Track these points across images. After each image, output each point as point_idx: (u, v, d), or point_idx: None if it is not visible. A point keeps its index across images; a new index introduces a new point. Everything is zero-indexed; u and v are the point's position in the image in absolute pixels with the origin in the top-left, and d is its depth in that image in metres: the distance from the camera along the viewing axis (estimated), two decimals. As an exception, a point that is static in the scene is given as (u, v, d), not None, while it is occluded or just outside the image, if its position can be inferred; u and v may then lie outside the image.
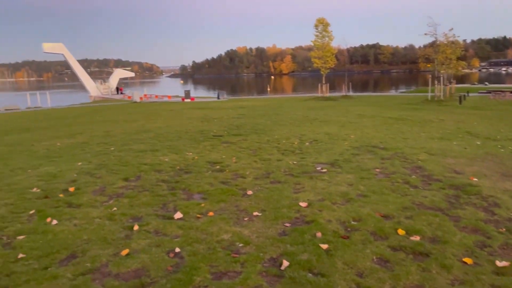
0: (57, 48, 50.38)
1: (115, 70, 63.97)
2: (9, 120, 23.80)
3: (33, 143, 11.57)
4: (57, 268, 3.37)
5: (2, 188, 6.00)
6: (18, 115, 30.14)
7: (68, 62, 52.30)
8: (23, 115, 29.61)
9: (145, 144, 9.92)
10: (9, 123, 21.08)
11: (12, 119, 25.39)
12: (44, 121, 21.34)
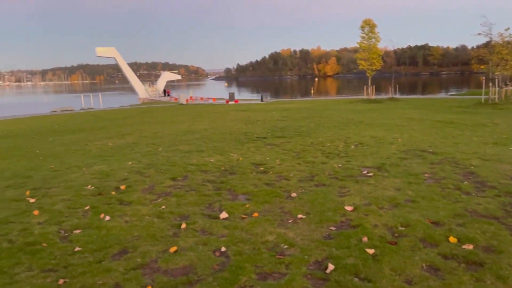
0: (109, 52, 52.67)
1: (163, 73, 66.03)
2: (65, 121, 25.17)
3: (87, 142, 12.17)
4: (110, 262, 3.54)
5: (60, 184, 6.37)
6: (73, 116, 31.83)
7: (119, 65, 54.52)
8: (77, 116, 31.21)
9: (191, 145, 10.17)
10: (65, 124, 22.31)
11: (67, 119, 26.85)
12: (97, 122, 22.40)
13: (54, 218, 4.71)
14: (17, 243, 4.00)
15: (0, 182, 6.94)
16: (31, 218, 4.72)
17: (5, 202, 5.49)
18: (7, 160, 9.83)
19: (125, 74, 55.14)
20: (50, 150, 11.11)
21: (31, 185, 6.48)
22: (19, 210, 5.06)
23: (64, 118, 29.32)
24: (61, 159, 9.34)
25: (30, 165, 8.82)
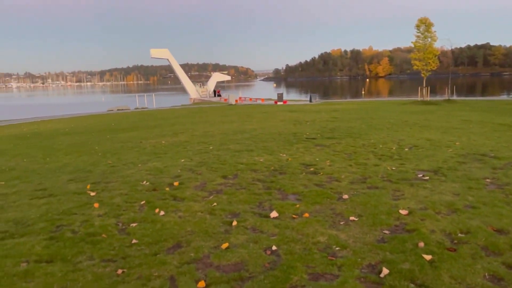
0: (162, 53, 54.48)
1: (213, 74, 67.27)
2: (121, 120, 26.34)
3: (141, 140, 12.67)
4: (165, 255, 3.66)
5: (118, 179, 6.68)
6: (128, 115, 33.23)
7: (172, 66, 56.24)
8: (132, 115, 32.53)
9: (241, 144, 10.28)
10: (121, 122, 23.34)
11: (123, 118, 28.08)
12: (150, 121, 23.24)
13: (112, 211, 4.94)
14: (79, 234, 4.24)
15: (64, 176, 7.39)
16: (91, 210, 4.99)
17: (68, 194, 5.84)
18: (69, 156, 10.44)
19: (177, 75, 56.77)
20: (108, 146, 11.67)
21: (92, 179, 6.84)
22: (80, 203, 5.36)
23: (120, 117, 30.69)
24: (118, 155, 9.78)
25: (90, 160, 9.32)
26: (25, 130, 22.18)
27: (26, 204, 5.48)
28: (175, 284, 3.14)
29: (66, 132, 18.30)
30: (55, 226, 4.49)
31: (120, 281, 3.21)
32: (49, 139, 15.60)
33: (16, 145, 14.15)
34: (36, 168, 8.81)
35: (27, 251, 3.83)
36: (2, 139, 16.84)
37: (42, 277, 3.34)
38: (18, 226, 4.56)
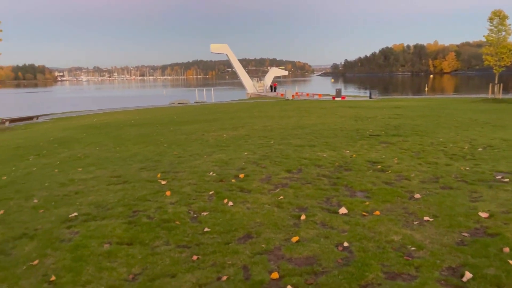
0: (222, 48, 55.43)
1: (271, 69, 67.43)
2: (182, 113, 27.20)
3: (204, 133, 13.00)
4: (236, 244, 3.73)
5: (185, 170, 6.91)
6: (188, 108, 34.25)
7: (231, 61, 57.07)
8: (192, 108, 33.48)
9: (302, 139, 10.22)
10: (182, 115, 24.11)
11: (184, 111, 28.99)
12: (210, 115, 23.79)
13: (183, 199, 5.13)
14: (155, 219, 4.44)
15: (135, 164, 7.78)
16: (164, 198, 5.21)
17: (142, 182, 6.14)
18: (137, 146, 10.97)
19: (236, 70, 57.52)
20: (172, 138, 12.11)
21: (161, 168, 7.14)
22: (153, 190, 5.61)
23: (181, 110, 31.70)
24: (183, 147, 10.12)
25: (157, 150, 9.72)
26: (95, 121, 23.61)
27: (104, 189, 5.84)
28: (249, 273, 3.20)
29: (132, 124, 19.23)
30: (131, 211, 4.75)
31: (196, 267, 3.33)
32: (118, 129, 16.48)
33: (88, 134, 15.10)
34: (108, 156, 9.34)
35: (109, 233, 4.08)
36: (76, 129, 18.04)
37: (124, 258, 3.54)
38: (99, 209, 4.88)
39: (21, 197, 5.68)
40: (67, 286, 3.10)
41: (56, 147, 11.72)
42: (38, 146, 12.26)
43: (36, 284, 3.15)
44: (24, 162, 9.34)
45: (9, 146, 12.81)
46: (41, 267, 3.45)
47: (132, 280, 3.18)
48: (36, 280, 3.23)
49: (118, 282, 3.14)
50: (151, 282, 3.11)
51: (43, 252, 3.72)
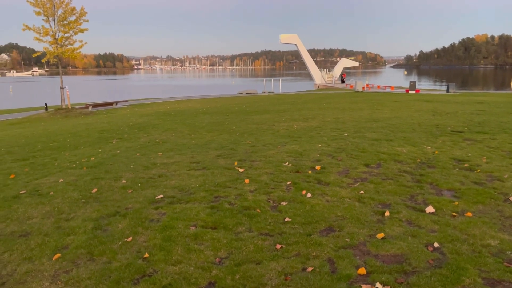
0: (291, 39, 55.08)
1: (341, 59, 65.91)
2: (250, 102, 27.53)
3: (274, 123, 13.04)
4: (319, 237, 3.70)
5: (261, 159, 6.98)
6: (256, 98, 34.58)
7: (300, 51, 56.57)
8: (260, 98, 33.75)
9: (377, 133, 9.88)
10: (251, 105, 24.39)
11: (252, 101, 29.32)
12: (279, 105, 23.81)
13: (262, 188, 5.18)
14: (236, 206, 4.54)
15: (211, 152, 8.00)
16: (243, 186, 5.30)
17: (220, 169, 6.30)
18: (210, 133, 11.28)
19: (304, 60, 56.93)
20: (244, 127, 12.30)
21: (237, 156, 7.28)
22: (232, 177, 5.73)
23: (249, 100, 32.10)
24: (255, 136, 10.23)
25: (230, 139, 9.92)
26: (168, 108, 24.68)
27: (185, 174, 6.08)
28: (334, 266, 3.15)
29: (204, 112, 19.83)
30: (213, 197, 4.89)
31: (280, 256, 3.35)
32: (191, 117, 17.08)
33: (164, 121, 15.81)
34: (185, 142, 9.71)
35: (194, 216, 4.24)
36: (152, 115, 18.98)
37: (209, 241, 3.66)
38: (182, 193, 5.09)
39: (110, 177, 6.09)
40: (159, 264, 3.27)
41: (136, 132, 12.42)
42: (120, 130, 13.08)
43: (132, 260, 3.36)
44: (109, 145, 10.01)
45: (95, 129, 13.80)
46: (134, 243, 3.67)
47: (219, 263, 3.28)
48: (131, 255, 3.44)
49: (206, 264, 3.25)
50: (237, 267, 3.18)
51: (135, 230, 3.96)
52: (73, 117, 23.81)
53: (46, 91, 58.85)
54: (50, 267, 3.32)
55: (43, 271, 3.27)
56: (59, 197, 5.16)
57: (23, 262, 3.43)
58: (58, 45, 27.09)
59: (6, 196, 5.40)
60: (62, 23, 26.75)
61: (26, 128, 18.16)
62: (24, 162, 8.31)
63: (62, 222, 4.29)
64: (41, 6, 26.12)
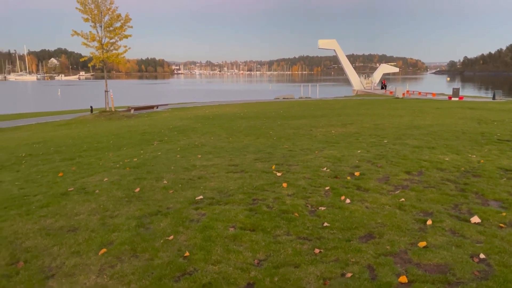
0: (330, 44, 54.63)
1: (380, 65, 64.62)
2: (287, 107, 27.52)
3: (311, 128, 12.98)
4: (358, 243, 3.65)
5: (298, 164, 6.97)
6: (293, 103, 34.51)
7: (338, 57, 55.99)
8: (297, 104, 33.67)
9: (419, 140, 9.62)
10: (288, 110, 24.37)
11: (289, 106, 29.29)
12: (316, 110, 23.67)
13: (300, 192, 5.18)
14: (274, 209, 4.56)
15: (249, 155, 8.08)
16: (281, 189, 5.32)
17: (258, 172, 6.35)
18: (248, 137, 11.38)
19: (343, 66, 56.29)
20: (281, 132, 12.32)
21: (274, 160, 7.31)
22: (270, 181, 5.77)
23: (286, 105, 32.09)
24: (292, 141, 10.23)
25: (267, 143, 9.97)
26: (207, 112, 25.10)
27: (223, 176, 6.17)
28: (374, 273, 3.11)
29: (241, 116, 20.02)
30: (251, 199, 4.94)
31: (318, 260, 3.34)
32: (229, 121, 17.29)
33: (203, 124, 16.11)
34: (223, 145, 9.85)
35: (232, 218, 4.30)
36: (191, 119, 19.37)
37: (248, 243, 3.70)
38: (221, 195, 5.17)
39: (152, 177, 6.29)
40: (199, 263, 3.34)
41: (176, 135, 12.72)
42: (160, 133, 13.44)
43: (173, 258, 3.46)
44: (150, 147, 10.32)
45: (137, 132, 14.26)
46: (175, 242, 3.77)
47: (257, 265, 3.31)
48: (172, 254, 3.54)
49: (245, 265, 3.30)
50: (275, 269, 3.20)
51: (176, 229, 4.07)
52: (116, 120, 24.70)
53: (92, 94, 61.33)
54: (96, 261, 3.47)
55: (89, 265, 3.42)
56: (104, 195, 5.38)
57: (72, 256, 3.60)
58: (104, 50, 28.23)
59: (55, 193, 5.69)
60: (108, 29, 27.89)
61: (73, 129, 19.03)
62: (71, 161, 8.72)
63: (107, 219, 4.48)
64: (89, 13, 27.35)
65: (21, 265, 3.45)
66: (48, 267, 3.42)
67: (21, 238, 4.04)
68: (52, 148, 11.02)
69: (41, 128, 22.59)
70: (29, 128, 22.75)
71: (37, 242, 3.93)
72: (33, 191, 5.96)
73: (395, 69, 65.04)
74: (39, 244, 3.89)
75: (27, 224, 4.44)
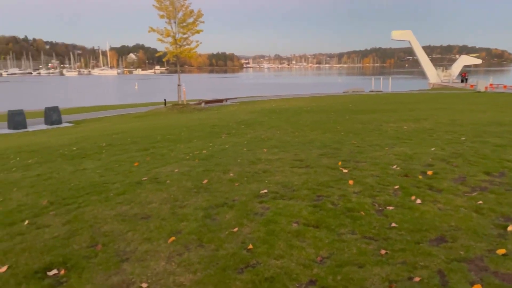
0: (405, 35, 52.13)
1: (460, 57, 60.36)
2: (357, 101, 26.76)
3: (381, 123, 12.51)
4: (428, 246, 3.47)
5: (366, 160, 6.76)
6: (363, 97, 33.49)
7: (413, 48, 53.28)
8: (367, 97, 32.61)
9: (502, 138, 8.85)
10: (357, 104, 23.70)
11: (358, 100, 28.48)
12: (387, 104, 22.75)
13: (366, 190, 5.03)
14: (339, 207, 4.48)
15: (315, 150, 7.99)
16: (346, 186, 5.21)
17: (323, 168, 6.27)
18: (314, 132, 11.26)
19: (418, 58, 53.47)
20: (349, 126, 12.02)
21: (341, 156, 7.16)
22: (335, 177, 5.67)
23: (355, 98, 31.23)
24: (361, 136, 9.94)
25: (334, 138, 9.79)
26: (274, 106, 25.22)
27: (288, 171, 6.18)
28: (445, 279, 2.94)
29: (308, 110, 19.84)
30: (316, 195, 4.89)
31: (384, 262, 3.23)
32: (295, 115, 17.23)
33: (269, 118, 16.22)
34: (288, 140, 9.84)
35: (296, 213, 4.29)
36: (258, 112, 19.59)
37: (311, 239, 3.68)
38: (285, 189, 5.18)
39: (219, 170, 6.47)
40: (262, 256, 3.39)
41: (243, 128, 12.95)
42: (228, 126, 13.77)
43: (237, 249, 3.54)
44: (219, 139, 10.61)
45: (206, 124, 14.74)
46: (239, 234, 3.85)
47: (320, 262, 3.28)
48: (237, 245, 3.62)
49: (308, 262, 3.28)
50: (339, 268, 3.15)
51: (240, 222, 4.15)
52: (187, 112, 25.71)
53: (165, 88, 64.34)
54: (165, 248, 3.66)
55: (159, 251, 3.61)
56: (174, 186, 5.64)
57: (144, 242, 3.83)
58: (177, 45, 29.47)
59: (131, 181, 6.08)
60: (181, 24, 29.06)
61: (148, 121, 20.15)
62: (145, 151, 9.24)
63: (177, 208, 4.69)
64: (165, 10, 28.68)
65: (100, 248, 3.74)
66: (122, 251, 3.67)
67: (100, 223, 4.37)
68: (129, 139, 11.76)
69: (120, 119, 24.21)
70: (109, 120, 24.50)
71: (114, 227, 4.23)
72: (111, 179, 6.42)
73: (477, 61, 60.45)
74: (115, 229, 4.19)
75: (106, 210, 4.79)
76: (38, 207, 5.15)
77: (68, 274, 3.31)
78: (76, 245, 3.84)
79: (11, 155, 10.20)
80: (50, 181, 6.63)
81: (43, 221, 4.59)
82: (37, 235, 4.17)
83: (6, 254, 3.74)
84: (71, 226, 4.35)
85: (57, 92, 72.73)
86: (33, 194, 5.84)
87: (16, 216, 4.86)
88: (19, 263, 3.53)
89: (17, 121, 21.09)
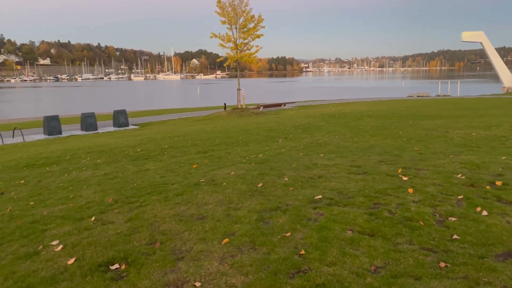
0: (476, 36, 49.01)
1: (539, 58, 55.53)
2: (421, 106, 25.57)
3: (447, 130, 11.87)
4: (493, 261, 3.25)
5: (428, 168, 6.45)
6: (429, 102, 31.93)
7: (485, 50, 49.94)
8: (433, 102, 31.03)
9: None
10: (422, 109, 22.65)
11: (423, 105, 27.19)
12: (455, 110, 21.53)
13: (427, 199, 4.80)
14: (396, 216, 4.32)
15: (374, 156, 7.77)
16: (406, 195, 5.00)
17: (381, 175, 6.08)
18: (374, 137, 10.94)
19: (491, 60, 50.01)
20: (411, 133, 11.54)
21: (401, 163, 6.89)
22: (394, 185, 5.47)
23: (420, 103, 29.86)
24: (424, 143, 9.51)
25: (395, 144, 9.45)
26: (333, 110, 24.83)
27: (344, 177, 6.06)
28: (511, 299, 2.73)
29: (369, 115, 19.30)
30: (372, 203, 4.75)
31: (443, 275, 3.06)
32: (355, 120, 16.84)
33: (328, 123, 16.00)
34: (347, 145, 9.66)
35: (351, 221, 4.20)
36: (316, 117, 19.39)
37: (366, 248, 3.58)
38: (340, 196, 5.09)
39: (274, 174, 6.50)
40: (314, 262, 3.36)
41: (300, 133, 12.90)
42: (285, 130, 13.77)
43: (289, 254, 3.54)
44: (275, 144, 10.67)
45: (264, 128, 14.86)
46: (292, 239, 3.85)
47: (374, 272, 3.19)
48: (289, 250, 3.62)
49: (361, 270, 3.20)
50: (393, 279, 3.04)
51: (293, 226, 4.15)
52: (246, 116, 26.10)
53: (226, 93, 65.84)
54: (219, 249, 3.75)
55: (213, 252, 3.71)
56: (230, 188, 5.76)
57: (199, 242, 3.95)
58: (238, 50, 30.04)
59: (189, 183, 6.29)
60: (242, 30, 29.60)
61: (208, 125, 20.72)
62: (204, 154, 9.52)
63: (231, 210, 4.78)
64: (226, 16, 29.40)
65: (158, 245, 3.92)
66: (179, 250, 3.82)
67: (159, 222, 4.58)
68: (189, 142, 12.18)
69: (182, 122, 25.13)
70: (173, 123, 25.52)
71: (172, 226, 4.41)
72: (171, 179, 6.69)
73: (559, 62, 55.23)
74: (173, 228, 4.36)
75: (165, 209, 5.01)
76: (104, 204, 5.51)
77: (128, 269, 3.51)
78: (136, 242, 4.06)
79: (83, 155, 10.99)
80: (116, 180, 7.05)
81: (108, 217, 4.90)
82: (102, 230, 4.46)
83: (75, 247, 4.04)
84: (132, 223, 4.60)
85: (125, 96, 77.10)
86: (100, 192, 6.26)
87: (85, 212, 5.23)
88: (85, 256, 3.80)
89: (89, 123, 22.74)
